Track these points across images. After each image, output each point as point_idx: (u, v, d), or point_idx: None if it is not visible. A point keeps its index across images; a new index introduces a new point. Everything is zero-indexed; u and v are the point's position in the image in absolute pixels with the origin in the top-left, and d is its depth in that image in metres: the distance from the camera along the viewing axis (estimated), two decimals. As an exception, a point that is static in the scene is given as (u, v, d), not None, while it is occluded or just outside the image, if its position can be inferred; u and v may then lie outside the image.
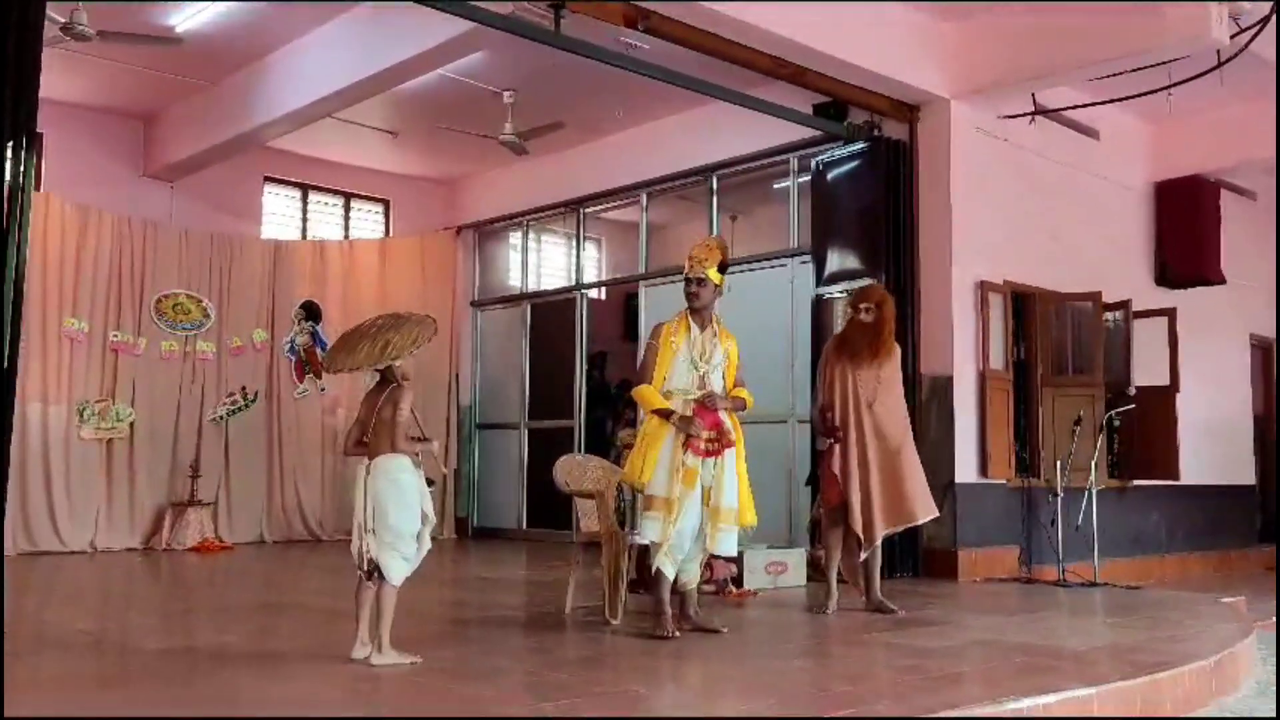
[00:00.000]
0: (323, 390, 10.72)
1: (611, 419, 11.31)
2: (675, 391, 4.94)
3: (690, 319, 5.06)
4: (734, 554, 5.32)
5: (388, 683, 3.79)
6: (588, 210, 11.16)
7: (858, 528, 5.67)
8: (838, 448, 5.73)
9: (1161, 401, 8.88)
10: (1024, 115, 8.29)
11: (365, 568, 4.07)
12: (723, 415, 4.95)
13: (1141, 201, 9.72)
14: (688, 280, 5.06)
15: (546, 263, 12.13)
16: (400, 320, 4.20)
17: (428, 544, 4.14)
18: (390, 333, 4.09)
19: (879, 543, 5.78)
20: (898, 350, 5.94)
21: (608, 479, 5.75)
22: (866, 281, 8.04)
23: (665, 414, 4.87)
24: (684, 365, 4.96)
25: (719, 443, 4.88)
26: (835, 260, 8.29)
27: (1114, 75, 7.60)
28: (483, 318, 12.06)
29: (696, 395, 4.92)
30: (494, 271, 12.27)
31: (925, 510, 5.79)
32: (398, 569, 4.04)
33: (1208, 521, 9.71)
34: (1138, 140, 9.64)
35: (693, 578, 5.05)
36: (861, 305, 5.86)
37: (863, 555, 5.76)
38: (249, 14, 8.10)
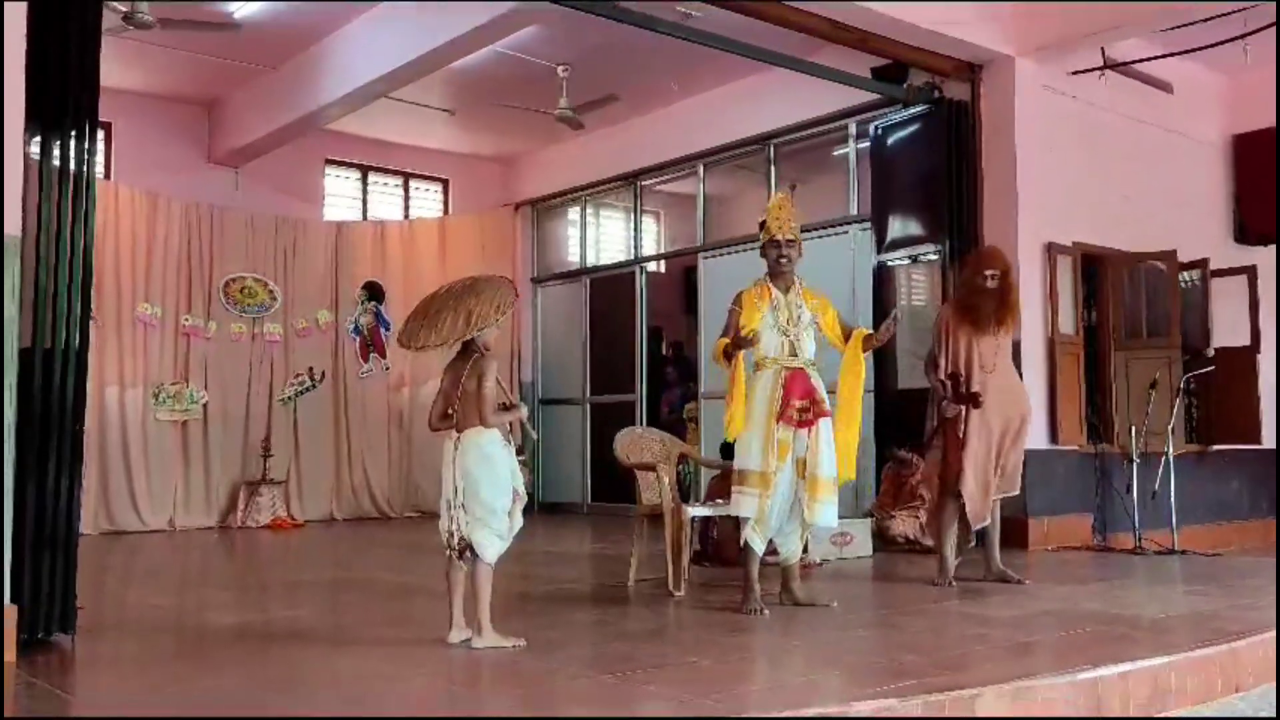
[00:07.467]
0: (386, 369, 10.87)
1: (666, 390, 11.29)
2: (767, 360, 4.77)
3: (772, 284, 4.86)
4: (834, 525, 5.06)
5: (453, 656, 3.82)
6: (645, 183, 11.10)
7: (970, 496, 5.56)
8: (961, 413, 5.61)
9: (1242, 362, 8.59)
10: (1093, 70, 8.02)
11: (456, 546, 3.90)
12: (816, 383, 4.79)
13: (1218, 156, 9.36)
14: (777, 244, 4.84)
15: (605, 237, 12.12)
16: (477, 285, 3.94)
17: (519, 521, 3.97)
18: (470, 300, 3.84)
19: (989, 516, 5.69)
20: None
21: (668, 452, 5.73)
22: (930, 248, 7.95)
23: (734, 346, 4.67)
24: (772, 332, 4.77)
25: (812, 412, 4.71)
26: (897, 226, 8.16)
27: (1185, 25, 7.31)
28: (543, 294, 12.09)
29: (790, 363, 4.77)
30: (553, 247, 12.29)
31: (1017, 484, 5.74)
32: (493, 546, 3.87)
33: (1292, 486, 9.39)
34: (1213, 92, 9.27)
35: (793, 552, 4.91)
36: (987, 271, 5.65)
37: (977, 525, 5.65)
38: (304, -3, 8.17)
